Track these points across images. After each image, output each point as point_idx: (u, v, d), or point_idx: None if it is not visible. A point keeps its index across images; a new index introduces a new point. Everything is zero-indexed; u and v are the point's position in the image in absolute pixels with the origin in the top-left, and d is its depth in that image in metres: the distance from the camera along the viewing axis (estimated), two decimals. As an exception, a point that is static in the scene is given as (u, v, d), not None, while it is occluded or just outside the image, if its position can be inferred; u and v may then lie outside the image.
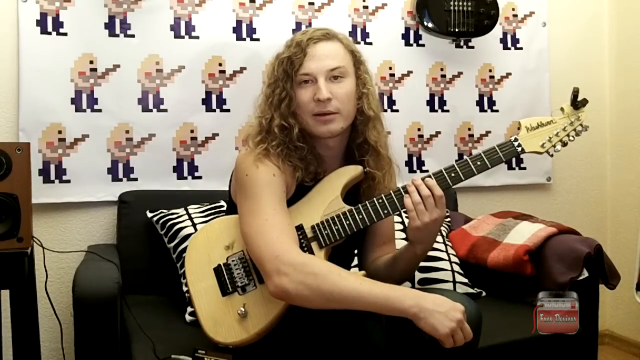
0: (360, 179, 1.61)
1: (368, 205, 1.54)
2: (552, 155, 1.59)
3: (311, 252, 1.53)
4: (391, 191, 1.55)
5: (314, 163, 1.59)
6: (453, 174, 1.53)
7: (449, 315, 1.33)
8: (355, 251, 1.87)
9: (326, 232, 1.53)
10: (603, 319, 2.79)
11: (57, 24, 2.23)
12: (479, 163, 1.53)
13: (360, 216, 1.54)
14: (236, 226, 1.57)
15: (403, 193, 1.52)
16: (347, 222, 1.54)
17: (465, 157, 1.55)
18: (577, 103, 1.57)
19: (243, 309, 1.50)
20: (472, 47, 2.76)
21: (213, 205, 2.21)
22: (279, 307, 1.49)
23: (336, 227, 1.53)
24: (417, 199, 1.48)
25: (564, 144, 1.57)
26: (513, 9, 2.82)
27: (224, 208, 2.17)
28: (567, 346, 1.90)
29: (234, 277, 1.54)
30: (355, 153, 1.64)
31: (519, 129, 1.57)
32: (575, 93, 1.57)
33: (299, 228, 1.55)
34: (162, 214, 2.18)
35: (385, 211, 1.54)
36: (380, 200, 1.54)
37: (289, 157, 1.56)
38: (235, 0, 2.44)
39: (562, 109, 1.58)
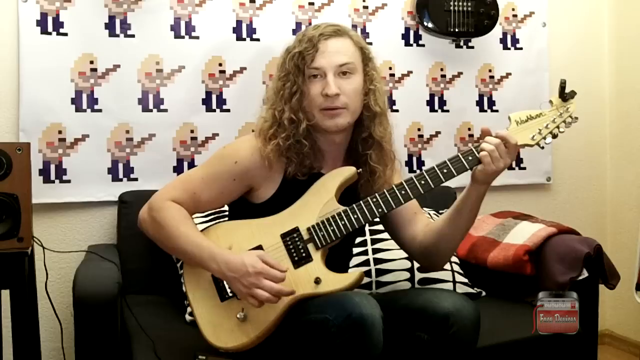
0: (354, 179, 1.62)
1: (362, 204, 1.55)
2: (542, 147, 1.61)
3: (308, 253, 1.54)
4: (385, 190, 1.56)
5: (311, 158, 1.60)
6: (445, 170, 1.54)
7: (242, 280, 1.45)
8: (354, 250, 1.87)
9: (322, 233, 1.54)
10: (603, 319, 2.79)
11: (57, 24, 2.23)
12: (470, 158, 1.54)
13: (355, 216, 1.55)
14: (234, 231, 1.59)
15: (474, 150, 1.53)
16: (342, 222, 1.55)
17: (457, 153, 1.56)
18: (565, 95, 1.59)
19: (242, 313, 1.51)
20: (472, 47, 2.76)
21: (213, 205, 2.21)
22: (278, 310, 1.49)
23: (332, 228, 1.54)
24: (492, 148, 1.51)
25: (554, 136, 1.59)
26: (513, 9, 2.82)
27: (224, 208, 2.17)
28: (567, 346, 1.90)
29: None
30: (359, 147, 1.66)
31: (509, 122, 1.58)
32: (563, 85, 1.59)
33: (295, 230, 1.56)
34: (162, 214, 2.17)
35: (380, 210, 1.55)
36: (374, 200, 1.55)
37: (287, 151, 1.57)
38: (235, 0, 2.44)
39: (550, 102, 1.61)
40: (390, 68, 2.63)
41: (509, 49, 2.82)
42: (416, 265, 2.10)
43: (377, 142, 1.64)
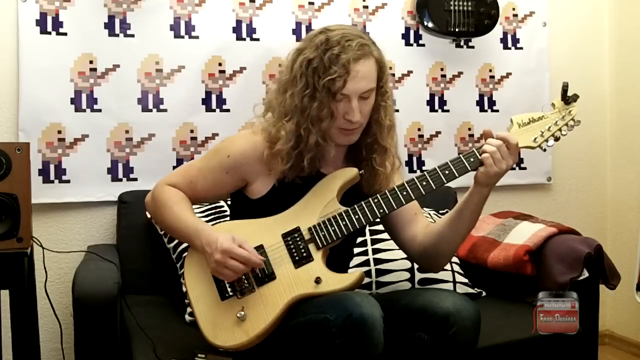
0: (356, 181, 1.62)
1: (364, 205, 1.55)
2: (544, 150, 1.61)
3: (309, 253, 1.54)
4: (386, 190, 1.56)
5: (309, 161, 1.58)
6: (447, 172, 1.54)
7: (213, 256, 1.49)
8: (355, 250, 1.86)
9: (323, 233, 1.54)
10: (603, 319, 2.79)
11: (57, 24, 2.23)
12: (472, 159, 1.54)
13: (357, 216, 1.55)
14: (235, 231, 1.58)
15: (475, 151, 1.53)
16: (344, 222, 1.55)
17: (459, 154, 1.55)
18: (568, 98, 1.59)
19: (242, 312, 1.51)
20: (472, 47, 2.75)
21: (213, 206, 2.20)
22: (278, 310, 1.49)
23: (332, 228, 1.55)
24: (494, 149, 1.51)
25: (557, 139, 1.58)
26: (513, 9, 2.81)
27: (224, 208, 2.17)
28: (567, 346, 1.90)
29: (232, 281, 1.54)
30: (362, 151, 1.65)
31: (510, 124, 1.58)
32: (565, 88, 1.59)
33: (296, 230, 1.56)
34: (162, 214, 2.17)
35: (381, 210, 1.55)
36: (376, 200, 1.55)
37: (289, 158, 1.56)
38: (235, 0, 2.44)
39: (553, 105, 1.61)
40: (390, 68, 2.62)
41: (510, 48, 2.82)
42: (416, 265, 2.10)
43: (383, 148, 1.64)
